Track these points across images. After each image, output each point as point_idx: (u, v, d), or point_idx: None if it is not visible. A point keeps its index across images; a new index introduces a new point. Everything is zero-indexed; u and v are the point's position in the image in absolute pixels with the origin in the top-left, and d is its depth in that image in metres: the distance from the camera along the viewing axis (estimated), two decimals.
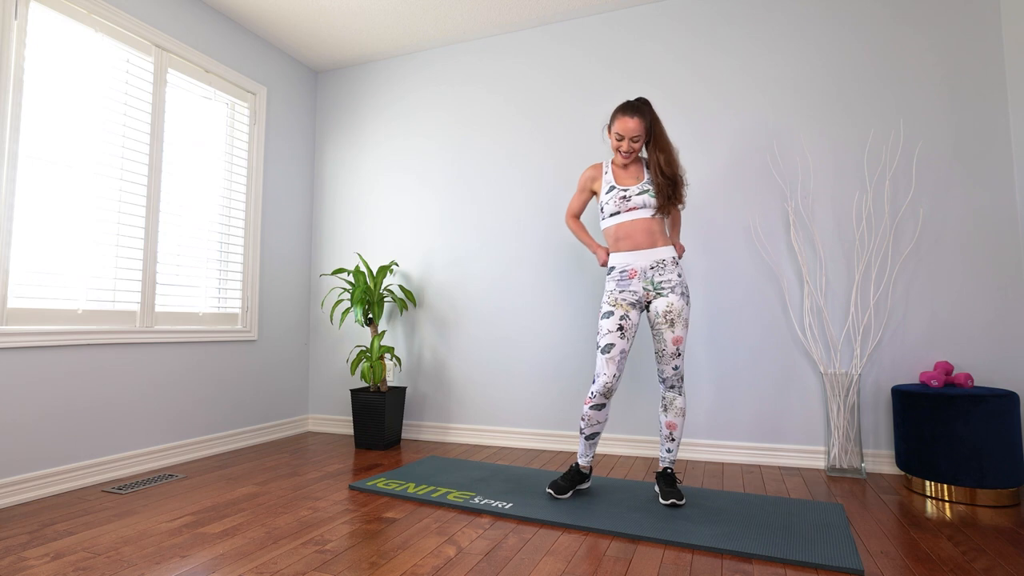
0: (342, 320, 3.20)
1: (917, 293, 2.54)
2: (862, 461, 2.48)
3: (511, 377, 3.17)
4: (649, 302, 2.12)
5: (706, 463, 2.72)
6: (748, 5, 2.87)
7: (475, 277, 3.30)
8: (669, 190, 2.11)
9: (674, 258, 2.12)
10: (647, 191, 2.12)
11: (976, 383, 2.43)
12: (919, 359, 2.52)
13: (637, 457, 2.85)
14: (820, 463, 2.62)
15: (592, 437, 2.17)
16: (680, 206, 2.19)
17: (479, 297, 3.28)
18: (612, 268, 2.17)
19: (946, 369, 2.34)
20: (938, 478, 2.16)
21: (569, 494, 2.17)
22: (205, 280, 3.00)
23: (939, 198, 2.53)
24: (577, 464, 2.21)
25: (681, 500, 2.02)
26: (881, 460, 2.54)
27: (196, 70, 2.98)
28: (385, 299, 3.34)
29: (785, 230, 2.74)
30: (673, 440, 2.13)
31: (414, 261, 3.48)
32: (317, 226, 3.78)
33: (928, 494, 2.20)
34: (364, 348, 3.17)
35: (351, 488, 2.31)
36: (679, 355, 2.09)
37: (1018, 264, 2.41)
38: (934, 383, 2.27)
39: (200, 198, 2.99)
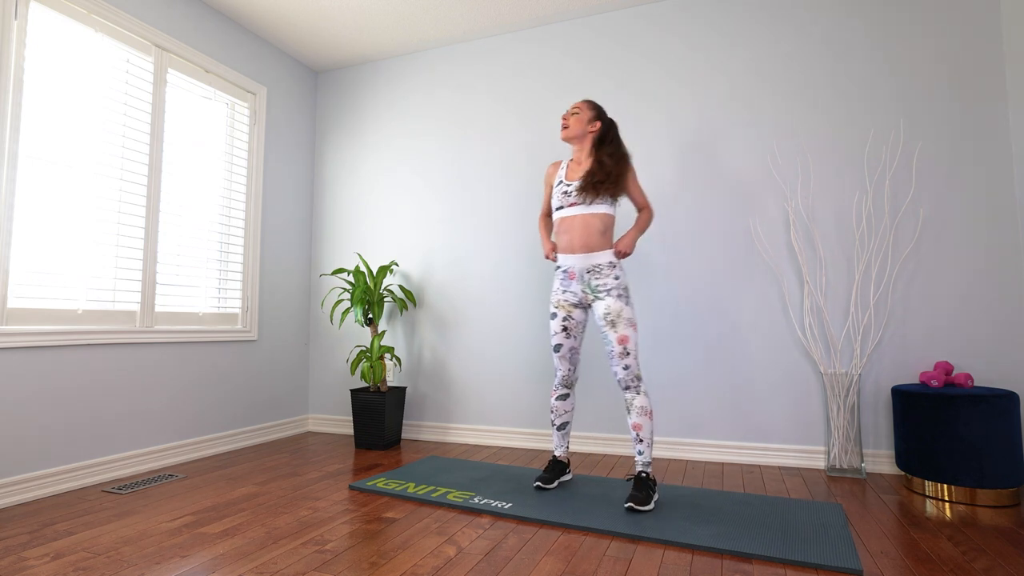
0: (342, 320, 3.20)
1: (917, 293, 2.54)
2: (862, 461, 2.48)
3: (511, 377, 3.17)
4: (589, 304, 2.21)
5: (706, 463, 2.72)
6: (750, 6, 2.87)
7: (475, 277, 3.30)
8: (598, 175, 2.15)
9: (611, 262, 2.17)
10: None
11: (976, 383, 2.43)
12: (919, 359, 2.52)
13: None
14: (820, 463, 2.62)
15: (562, 427, 2.33)
16: (610, 201, 2.18)
17: (479, 297, 3.28)
18: (558, 266, 2.27)
19: (946, 369, 2.34)
20: (938, 478, 2.16)
21: (555, 484, 2.28)
22: (205, 280, 3.00)
23: (939, 198, 2.53)
24: (554, 456, 2.35)
25: (642, 506, 1.97)
26: (881, 460, 2.54)
27: (196, 70, 2.98)
28: (385, 299, 3.34)
29: (785, 230, 2.74)
30: (642, 441, 2.10)
31: (414, 261, 3.48)
32: (317, 226, 3.78)
33: (928, 494, 2.20)
34: (364, 348, 3.17)
35: (351, 488, 2.31)
36: (628, 354, 2.10)
37: (1018, 264, 2.41)
38: (934, 383, 2.27)
39: (200, 198, 2.99)
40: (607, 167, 2.16)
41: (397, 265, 3.49)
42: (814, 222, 2.70)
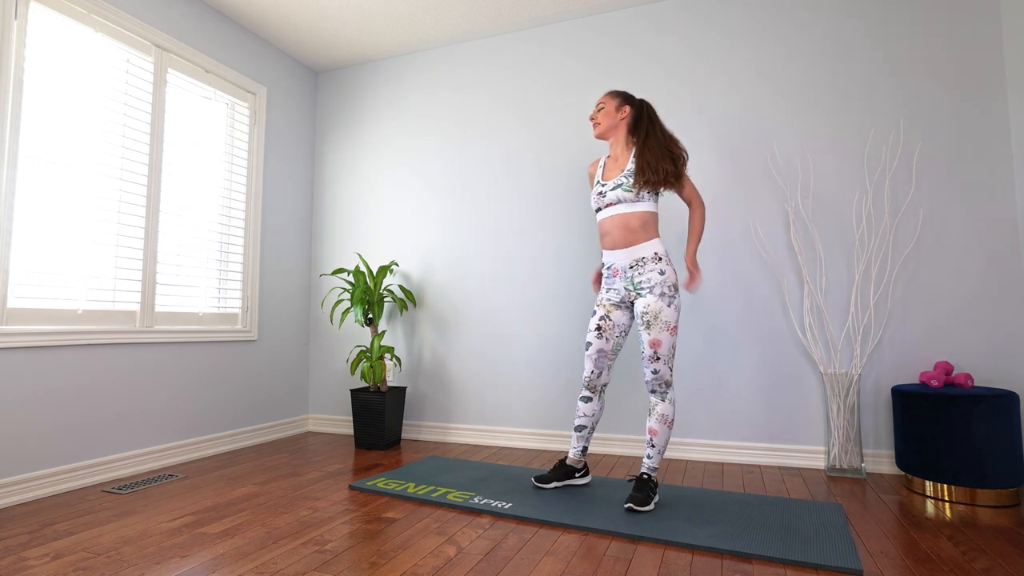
0: (342, 320, 3.20)
1: (917, 293, 2.54)
2: (862, 461, 2.48)
3: (511, 377, 3.17)
4: (632, 302, 2.13)
5: (706, 463, 2.72)
6: (750, 6, 2.87)
7: (475, 277, 3.30)
8: (651, 169, 2.04)
9: (656, 254, 2.07)
10: (620, 184, 2.10)
11: (976, 383, 2.43)
12: (919, 359, 2.52)
13: (637, 457, 2.85)
14: (820, 463, 2.61)
15: (580, 429, 2.25)
16: (653, 197, 2.10)
17: (479, 297, 3.28)
18: (603, 263, 2.21)
19: (946, 369, 2.34)
20: (938, 478, 2.16)
21: (553, 485, 2.25)
22: (205, 280, 3.00)
23: (939, 198, 2.53)
24: (565, 457, 2.30)
25: (641, 507, 1.96)
26: (881, 460, 2.54)
27: (196, 70, 2.98)
28: (385, 299, 3.34)
29: (785, 230, 2.74)
30: (653, 447, 2.06)
31: (414, 261, 3.48)
32: (317, 226, 3.78)
33: (928, 494, 2.20)
34: (364, 348, 3.17)
35: (351, 488, 2.31)
36: (657, 359, 2.02)
37: (1018, 264, 2.41)
38: (934, 383, 2.27)
39: (200, 198, 2.99)
40: (674, 156, 2.04)
41: (397, 265, 3.49)
42: (814, 222, 2.70)
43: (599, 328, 2.16)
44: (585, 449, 2.27)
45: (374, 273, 3.34)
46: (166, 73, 2.81)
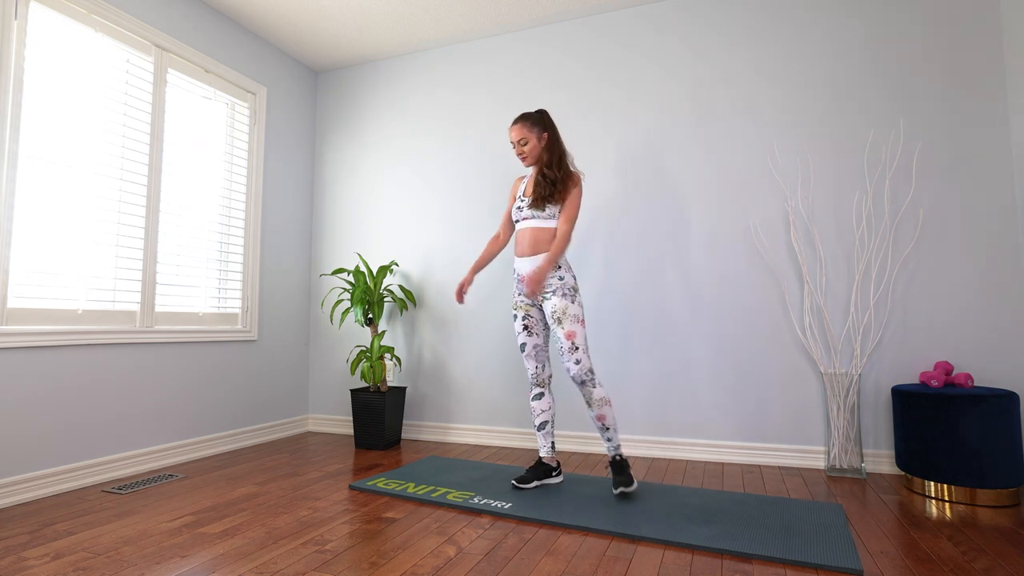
0: (342, 320, 3.20)
1: (917, 293, 2.54)
2: (862, 461, 2.48)
3: (511, 377, 3.17)
4: (540, 305, 2.29)
5: (706, 463, 2.72)
6: (750, 6, 2.87)
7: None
8: (543, 189, 2.24)
9: (556, 264, 2.23)
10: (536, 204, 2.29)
11: (976, 383, 2.43)
12: (919, 359, 2.52)
13: (637, 457, 2.85)
14: (820, 463, 2.62)
15: (542, 427, 2.36)
16: (556, 206, 2.23)
17: (479, 297, 3.28)
18: (513, 269, 2.36)
19: (946, 369, 2.34)
20: (938, 478, 2.16)
21: (533, 484, 2.30)
22: (205, 280, 3.00)
23: (939, 198, 2.53)
24: (539, 457, 2.37)
25: (630, 487, 2.11)
26: (881, 460, 2.54)
27: (196, 70, 2.98)
28: (385, 299, 3.34)
29: (785, 230, 2.74)
30: (608, 429, 2.19)
31: (414, 261, 3.48)
32: (317, 226, 3.78)
33: (928, 494, 2.20)
34: (364, 348, 3.17)
35: (351, 488, 2.31)
36: (576, 348, 2.15)
37: (1018, 264, 2.41)
38: (934, 383, 2.27)
39: (200, 198, 2.99)
40: (549, 177, 2.24)
41: (397, 265, 3.49)
42: (814, 222, 2.70)
43: (527, 327, 2.33)
44: (553, 445, 2.40)
45: (374, 273, 3.34)
46: (166, 73, 2.81)
